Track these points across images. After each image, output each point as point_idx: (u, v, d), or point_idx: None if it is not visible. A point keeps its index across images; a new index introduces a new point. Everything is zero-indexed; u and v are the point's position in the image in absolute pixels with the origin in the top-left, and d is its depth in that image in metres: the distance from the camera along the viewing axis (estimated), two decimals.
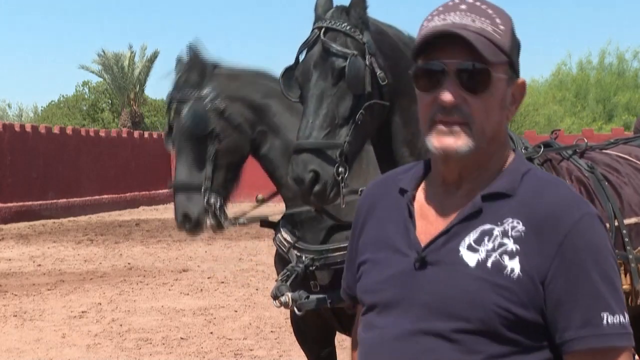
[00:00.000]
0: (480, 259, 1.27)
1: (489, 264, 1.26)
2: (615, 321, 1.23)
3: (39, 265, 11.80)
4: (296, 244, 3.08)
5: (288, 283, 2.98)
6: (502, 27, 1.31)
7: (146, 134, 29.37)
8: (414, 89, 1.35)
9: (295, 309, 2.95)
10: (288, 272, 3.03)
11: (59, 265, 11.69)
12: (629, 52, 38.80)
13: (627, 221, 2.81)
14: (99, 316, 7.78)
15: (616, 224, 2.75)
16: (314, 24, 2.49)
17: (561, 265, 1.24)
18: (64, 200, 22.96)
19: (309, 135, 2.35)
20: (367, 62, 2.38)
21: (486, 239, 1.28)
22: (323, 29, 2.41)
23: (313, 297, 2.95)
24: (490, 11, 1.32)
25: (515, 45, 1.35)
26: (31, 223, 20.15)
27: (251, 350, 6.30)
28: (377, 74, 2.40)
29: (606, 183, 2.86)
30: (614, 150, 3.19)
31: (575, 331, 1.24)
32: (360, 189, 2.61)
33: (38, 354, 6.32)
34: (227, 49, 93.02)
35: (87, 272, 10.91)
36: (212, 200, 2.98)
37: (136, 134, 28.74)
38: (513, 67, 1.34)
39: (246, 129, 3.07)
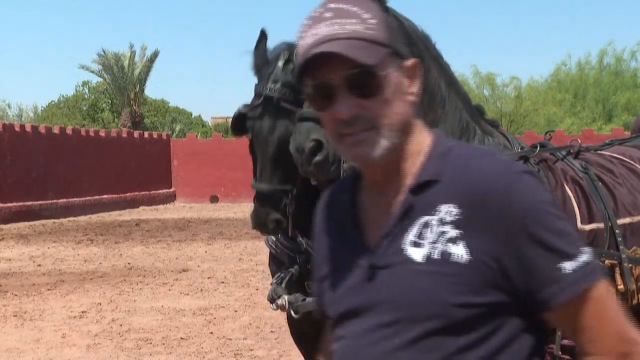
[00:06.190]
0: (426, 253, 1.26)
1: (435, 256, 1.25)
2: (575, 265, 1.23)
3: (39, 265, 11.81)
4: (285, 243, 3.07)
5: (283, 285, 2.98)
6: (372, 20, 1.28)
7: (146, 134, 29.38)
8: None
9: (292, 312, 2.95)
10: (282, 274, 3.02)
11: (59, 265, 11.69)
12: (626, 51, 38.68)
13: (620, 221, 2.82)
14: (99, 316, 7.79)
15: (610, 224, 2.76)
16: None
17: (506, 239, 1.23)
18: (64, 200, 22.97)
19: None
20: None
21: (427, 231, 1.27)
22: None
23: (310, 299, 2.92)
24: (355, 9, 1.29)
25: (393, 30, 1.33)
26: (31, 223, 20.17)
27: (251, 350, 6.31)
28: None
29: (600, 184, 2.87)
30: (608, 151, 3.18)
31: (543, 291, 1.23)
32: None
33: (38, 354, 6.32)
34: (228, 48, 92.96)
35: (87, 272, 10.91)
36: (290, 209, 2.90)
37: (136, 134, 28.75)
38: (397, 53, 1.31)
39: None
